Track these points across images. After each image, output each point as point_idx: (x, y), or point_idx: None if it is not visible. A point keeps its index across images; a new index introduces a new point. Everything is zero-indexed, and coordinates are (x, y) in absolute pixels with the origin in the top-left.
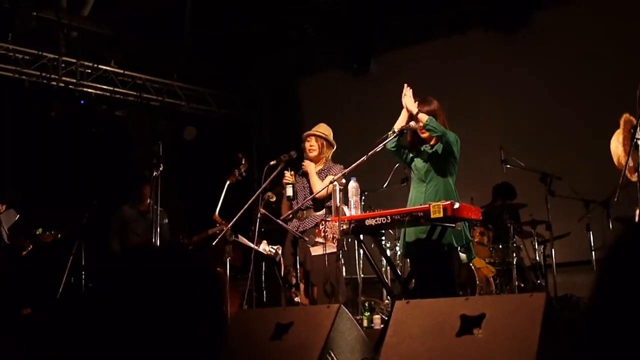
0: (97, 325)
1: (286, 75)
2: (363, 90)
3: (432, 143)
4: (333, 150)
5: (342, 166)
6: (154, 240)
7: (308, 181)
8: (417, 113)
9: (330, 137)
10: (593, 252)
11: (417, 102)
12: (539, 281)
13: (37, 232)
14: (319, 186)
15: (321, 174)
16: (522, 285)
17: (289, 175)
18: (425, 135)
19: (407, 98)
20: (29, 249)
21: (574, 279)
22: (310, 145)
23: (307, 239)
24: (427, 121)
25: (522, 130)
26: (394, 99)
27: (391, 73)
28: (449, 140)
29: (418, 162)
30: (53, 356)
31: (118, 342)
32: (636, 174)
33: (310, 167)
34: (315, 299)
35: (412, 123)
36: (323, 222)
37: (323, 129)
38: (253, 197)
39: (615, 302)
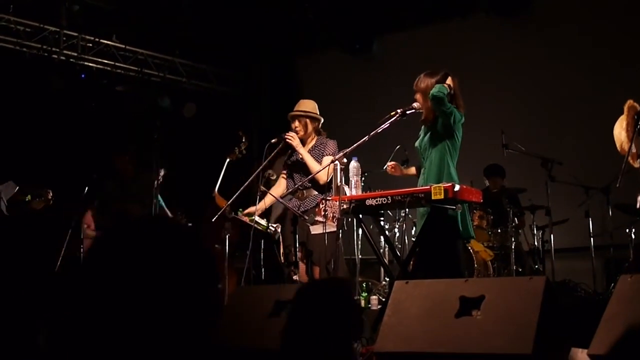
0: (82, 310)
1: (288, 54)
2: (365, 71)
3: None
4: (320, 123)
5: (335, 141)
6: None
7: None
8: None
9: (313, 112)
10: (592, 239)
11: (423, 75)
12: (536, 266)
13: (27, 199)
14: (316, 166)
15: (314, 151)
16: (520, 269)
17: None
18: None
19: None
20: None
21: (573, 265)
22: (295, 127)
23: (307, 218)
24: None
25: (523, 114)
26: (395, 80)
27: (393, 55)
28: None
29: (420, 144)
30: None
31: (106, 324)
32: (639, 160)
33: (296, 141)
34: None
35: (415, 104)
36: (323, 201)
37: (304, 107)
38: (253, 175)
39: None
